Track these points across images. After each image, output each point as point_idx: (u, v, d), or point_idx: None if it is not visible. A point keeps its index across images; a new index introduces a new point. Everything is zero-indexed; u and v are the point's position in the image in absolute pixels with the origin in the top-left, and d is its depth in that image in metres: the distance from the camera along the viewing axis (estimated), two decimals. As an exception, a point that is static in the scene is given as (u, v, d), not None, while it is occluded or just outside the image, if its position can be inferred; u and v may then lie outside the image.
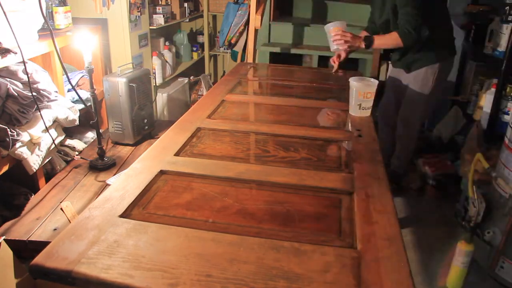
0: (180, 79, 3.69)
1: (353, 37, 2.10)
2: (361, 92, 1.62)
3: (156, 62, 3.20)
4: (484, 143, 2.34)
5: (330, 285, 0.76)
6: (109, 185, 1.94)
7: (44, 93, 1.95)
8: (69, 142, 2.31)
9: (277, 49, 2.98)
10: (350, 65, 3.00)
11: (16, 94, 1.79)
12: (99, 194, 1.80)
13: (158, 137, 1.61)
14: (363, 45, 2.11)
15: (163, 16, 3.16)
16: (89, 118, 2.10)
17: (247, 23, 3.14)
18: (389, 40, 2.07)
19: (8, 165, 1.76)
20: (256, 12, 2.65)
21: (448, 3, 2.68)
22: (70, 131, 2.33)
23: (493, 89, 2.33)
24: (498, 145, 1.96)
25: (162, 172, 1.17)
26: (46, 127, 1.91)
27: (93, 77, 1.99)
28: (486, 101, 2.44)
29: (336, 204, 1.05)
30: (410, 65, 2.24)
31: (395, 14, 2.05)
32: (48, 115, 1.94)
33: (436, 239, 2.21)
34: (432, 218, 2.38)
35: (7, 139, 1.70)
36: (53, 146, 1.99)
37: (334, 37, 2.12)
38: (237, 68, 2.45)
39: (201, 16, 4.00)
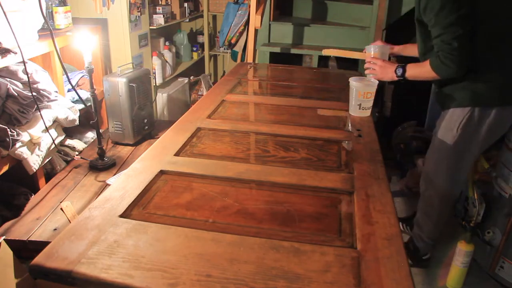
0: (180, 79, 3.69)
1: (382, 66, 1.74)
2: (361, 92, 1.62)
3: (156, 62, 3.20)
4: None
5: (330, 285, 0.76)
6: (109, 185, 1.94)
7: (44, 93, 1.95)
8: (69, 142, 2.31)
9: (277, 49, 2.98)
10: (350, 66, 3.00)
11: (16, 94, 1.79)
12: (99, 194, 1.80)
13: (158, 137, 1.61)
14: (395, 77, 1.71)
15: (163, 16, 3.16)
16: (89, 118, 2.10)
17: (247, 23, 3.14)
18: (424, 72, 1.61)
19: (8, 165, 1.76)
20: (256, 12, 2.65)
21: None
22: (70, 131, 2.33)
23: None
24: (498, 145, 1.96)
25: (162, 172, 1.17)
26: (46, 127, 1.91)
27: (93, 77, 1.99)
28: (486, 101, 2.43)
29: (336, 204, 1.05)
30: (443, 100, 1.73)
31: (420, 26, 1.63)
32: (48, 115, 1.94)
33: (436, 239, 2.21)
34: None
35: (7, 139, 1.70)
36: (53, 146, 1.99)
37: (365, 65, 1.82)
38: (237, 68, 2.45)
39: (201, 16, 4.00)
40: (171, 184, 1.13)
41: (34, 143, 1.87)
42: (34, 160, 1.85)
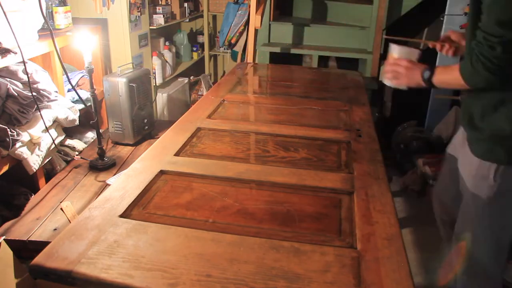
0: (180, 79, 3.69)
1: (409, 68, 1.30)
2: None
3: (156, 62, 3.20)
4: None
5: (330, 285, 0.76)
6: (109, 185, 1.94)
7: (44, 93, 1.94)
8: (69, 142, 2.31)
9: (277, 49, 2.98)
10: (350, 65, 3.00)
11: (16, 94, 1.79)
12: (99, 194, 1.80)
13: (158, 137, 1.61)
14: (422, 82, 1.26)
15: (163, 16, 3.16)
16: (89, 118, 2.10)
17: (247, 23, 3.14)
18: (452, 77, 1.19)
19: (8, 165, 1.76)
20: (256, 12, 2.65)
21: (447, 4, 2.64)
22: (70, 131, 2.33)
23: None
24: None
25: (162, 172, 1.17)
26: (46, 127, 1.91)
27: (93, 77, 1.99)
28: (486, 101, 2.43)
29: (336, 204, 1.05)
30: (474, 147, 1.24)
31: (476, 19, 1.11)
32: (48, 115, 1.94)
33: (436, 239, 2.21)
34: (432, 218, 2.38)
35: (7, 139, 1.70)
36: (53, 146, 1.99)
37: (385, 68, 1.39)
38: (237, 68, 2.45)
39: (201, 16, 4.00)
40: (171, 184, 1.13)
41: (34, 143, 1.87)
42: (34, 160, 1.85)
